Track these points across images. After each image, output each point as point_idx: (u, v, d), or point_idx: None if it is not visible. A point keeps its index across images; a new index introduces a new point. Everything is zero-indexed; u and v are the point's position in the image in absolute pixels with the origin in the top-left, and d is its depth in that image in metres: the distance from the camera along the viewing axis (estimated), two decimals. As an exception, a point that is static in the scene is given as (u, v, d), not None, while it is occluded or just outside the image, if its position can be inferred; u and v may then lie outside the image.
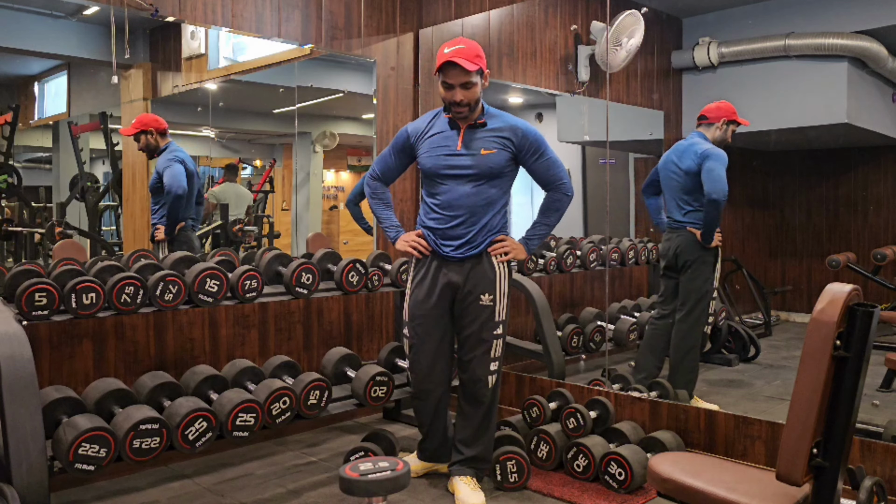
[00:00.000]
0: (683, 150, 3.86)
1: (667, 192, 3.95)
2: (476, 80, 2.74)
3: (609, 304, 4.64)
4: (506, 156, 2.83)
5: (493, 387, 2.97)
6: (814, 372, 1.63)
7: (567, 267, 4.57)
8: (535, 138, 2.85)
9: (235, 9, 3.61)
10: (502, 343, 2.95)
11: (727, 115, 3.83)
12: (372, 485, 2.07)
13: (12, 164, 3.47)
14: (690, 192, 3.81)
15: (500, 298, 2.90)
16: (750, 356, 4.77)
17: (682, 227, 3.85)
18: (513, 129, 2.84)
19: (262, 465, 3.44)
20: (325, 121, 4.63)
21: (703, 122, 3.89)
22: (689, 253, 3.82)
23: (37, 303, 2.59)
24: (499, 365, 2.96)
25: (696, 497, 1.87)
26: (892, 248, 4.63)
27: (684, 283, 3.86)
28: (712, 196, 3.61)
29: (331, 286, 3.44)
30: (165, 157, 3.57)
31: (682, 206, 3.86)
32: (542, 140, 2.87)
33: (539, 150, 2.85)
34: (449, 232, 2.88)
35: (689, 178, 3.79)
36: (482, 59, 2.76)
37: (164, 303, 2.83)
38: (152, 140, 3.52)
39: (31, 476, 2.19)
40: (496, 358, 2.94)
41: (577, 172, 5.41)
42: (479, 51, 2.76)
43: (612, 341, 4.45)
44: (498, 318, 2.90)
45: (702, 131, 3.87)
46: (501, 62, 4.60)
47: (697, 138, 3.86)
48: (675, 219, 3.88)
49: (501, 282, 2.90)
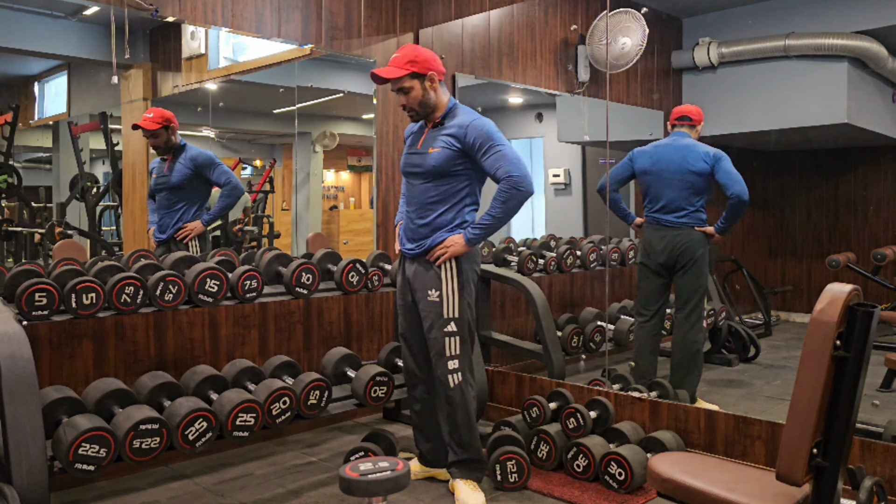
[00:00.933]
0: (685, 151, 3.84)
1: (663, 191, 3.87)
2: (411, 84, 2.76)
3: (609, 304, 4.65)
4: (448, 154, 2.78)
5: (456, 386, 2.89)
6: (814, 372, 1.63)
7: (567, 267, 4.57)
8: (481, 133, 2.74)
9: (235, 9, 3.61)
10: (459, 342, 2.85)
11: (702, 117, 3.99)
12: (372, 485, 2.07)
13: (12, 164, 3.47)
14: (700, 192, 3.82)
15: (449, 294, 2.83)
16: (750, 356, 4.77)
17: (681, 227, 3.83)
18: (459, 126, 2.78)
19: (262, 465, 3.44)
20: (325, 121, 4.63)
21: (686, 123, 3.93)
22: (693, 251, 3.82)
23: (37, 303, 2.59)
24: (459, 364, 2.87)
25: (696, 497, 1.87)
26: (892, 248, 4.64)
27: (686, 281, 3.85)
28: (743, 197, 3.70)
29: (331, 286, 3.44)
30: (194, 154, 3.60)
31: (686, 205, 3.83)
32: (489, 135, 2.74)
33: (484, 145, 2.73)
34: (409, 228, 2.96)
35: (700, 179, 3.80)
36: (416, 63, 2.75)
37: (164, 303, 2.83)
38: (172, 136, 3.52)
39: (31, 476, 2.19)
40: (454, 356, 2.86)
41: (577, 172, 5.41)
42: (412, 56, 2.76)
43: (612, 341, 4.45)
44: (448, 315, 2.83)
45: (686, 132, 3.92)
46: (501, 62, 4.60)
47: (690, 139, 3.90)
48: (674, 218, 3.85)
49: (448, 277, 2.83)
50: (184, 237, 3.59)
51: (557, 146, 5.35)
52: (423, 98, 2.80)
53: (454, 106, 2.88)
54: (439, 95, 2.83)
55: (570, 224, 5.40)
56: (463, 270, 2.85)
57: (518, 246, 4.74)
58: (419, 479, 3.21)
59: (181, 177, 3.59)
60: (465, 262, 2.85)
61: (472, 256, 2.90)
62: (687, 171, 3.81)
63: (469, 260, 2.88)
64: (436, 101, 2.82)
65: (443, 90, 2.86)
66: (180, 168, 3.58)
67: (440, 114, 2.85)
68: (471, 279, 2.90)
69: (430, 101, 2.81)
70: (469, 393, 2.93)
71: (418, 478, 3.21)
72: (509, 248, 4.60)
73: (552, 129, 5.32)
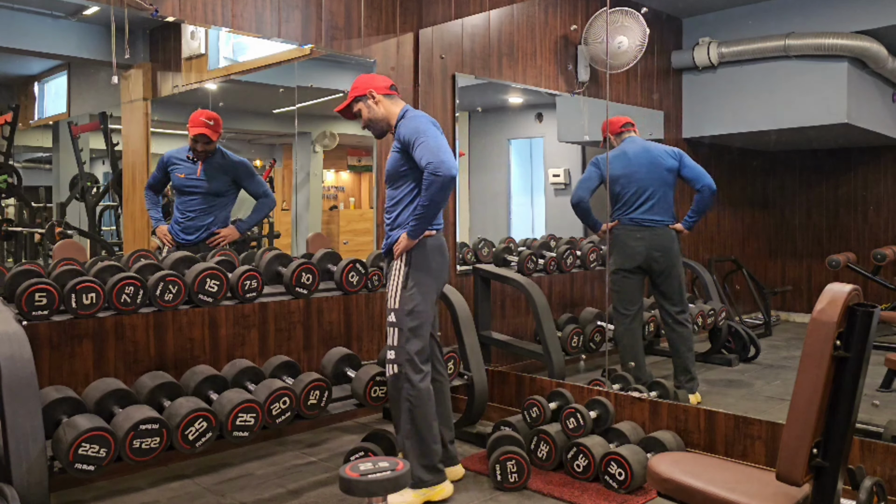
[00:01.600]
0: (655, 152, 3.98)
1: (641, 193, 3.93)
2: (358, 108, 3.02)
3: (609, 304, 4.64)
4: (396, 157, 2.93)
5: (391, 377, 2.91)
6: (814, 372, 1.63)
7: (567, 267, 4.57)
8: (409, 130, 2.85)
9: (235, 9, 3.61)
10: (397, 333, 2.89)
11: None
12: (372, 485, 2.07)
13: (12, 164, 3.47)
14: (669, 189, 3.96)
15: (394, 286, 2.92)
16: (750, 356, 4.77)
17: (660, 226, 3.92)
18: (398, 129, 2.93)
19: (262, 465, 3.44)
20: (325, 121, 4.63)
21: (632, 129, 4.08)
22: (675, 249, 3.95)
23: (37, 303, 2.59)
24: (395, 356, 2.89)
25: (696, 497, 1.87)
26: (892, 248, 4.64)
27: (673, 279, 3.94)
28: (713, 187, 3.84)
29: (331, 286, 3.44)
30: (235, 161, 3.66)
31: (663, 204, 3.94)
32: (415, 129, 2.83)
33: (412, 141, 2.82)
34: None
35: (672, 177, 3.95)
36: (357, 88, 3.00)
37: (164, 303, 2.83)
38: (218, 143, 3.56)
39: (31, 476, 2.19)
40: (391, 347, 2.90)
41: (577, 172, 5.41)
42: (355, 84, 3.02)
43: (612, 341, 4.45)
44: (391, 305, 2.92)
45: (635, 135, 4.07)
46: (501, 62, 4.60)
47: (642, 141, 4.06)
48: (649, 217, 3.93)
49: (396, 270, 2.92)
50: (217, 243, 3.59)
51: (557, 146, 5.35)
52: (370, 114, 3.00)
53: (406, 112, 2.99)
54: (388, 108, 2.99)
55: (570, 224, 5.39)
56: (412, 264, 2.91)
57: (518, 246, 4.74)
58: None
59: (219, 182, 3.59)
60: (415, 257, 2.90)
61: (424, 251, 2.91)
62: (663, 169, 3.92)
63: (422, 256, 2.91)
64: (384, 113, 2.99)
65: (392, 102, 3.00)
66: (219, 174, 3.58)
67: (395, 124, 2.98)
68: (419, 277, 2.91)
69: (377, 115, 3.00)
70: (405, 389, 2.89)
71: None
72: (509, 248, 4.60)
73: (552, 129, 5.32)
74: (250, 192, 3.76)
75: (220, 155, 3.63)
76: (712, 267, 5.19)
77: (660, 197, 3.92)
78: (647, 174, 3.93)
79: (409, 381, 2.90)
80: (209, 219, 3.62)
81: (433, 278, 2.96)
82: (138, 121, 3.62)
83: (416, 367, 2.90)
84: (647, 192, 3.92)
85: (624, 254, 3.98)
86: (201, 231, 3.61)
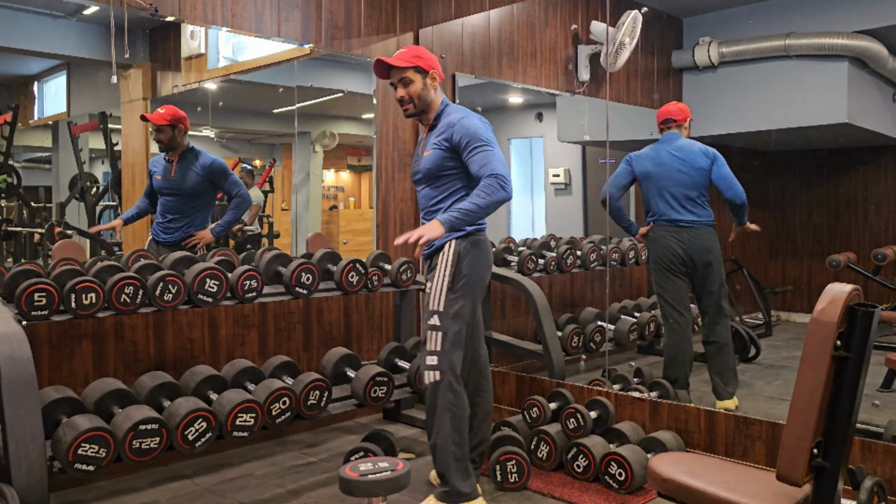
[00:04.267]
0: (687, 150, 3.86)
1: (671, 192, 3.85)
2: (414, 78, 2.80)
3: (609, 304, 4.64)
4: (440, 155, 2.77)
5: (430, 385, 2.71)
6: (814, 372, 1.62)
7: (567, 267, 4.57)
8: (468, 132, 2.69)
9: (235, 9, 3.60)
10: (440, 337, 2.70)
11: (689, 114, 3.99)
12: (372, 485, 2.07)
13: (12, 164, 3.47)
14: (704, 189, 3.84)
15: (439, 287, 2.73)
16: (750, 356, 4.77)
17: (696, 226, 3.83)
18: (449, 126, 2.76)
19: (262, 466, 3.44)
20: (325, 121, 4.63)
21: (672, 125, 3.95)
22: (714, 250, 3.84)
23: (36, 303, 2.59)
24: (437, 362, 2.69)
25: (696, 497, 1.87)
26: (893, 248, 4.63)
27: (712, 280, 3.84)
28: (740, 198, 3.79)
29: (331, 286, 3.43)
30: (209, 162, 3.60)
31: (695, 203, 3.83)
32: (476, 133, 2.68)
33: (471, 144, 2.67)
34: None
35: (705, 176, 3.82)
36: (422, 58, 2.81)
37: (163, 303, 2.83)
38: (179, 136, 3.50)
39: (31, 476, 2.19)
40: (433, 352, 2.70)
41: (578, 172, 5.41)
42: (418, 52, 2.84)
43: (612, 341, 4.45)
44: (434, 307, 2.72)
45: (675, 132, 3.94)
46: (501, 62, 4.60)
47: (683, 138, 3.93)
48: (686, 218, 3.83)
49: (442, 269, 2.75)
50: (193, 245, 3.58)
51: (557, 146, 5.35)
52: (422, 93, 2.82)
53: (446, 106, 2.88)
54: (436, 95, 2.86)
55: (570, 224, 5.39)
56: (460, 266, 2.74)
57: (518, 246, 4.74)
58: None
59: (194, 184, 3.57)
60: (463, 259, 2.74)
61: (475, 254, 2.77)
62: (693, 168, 3.82)
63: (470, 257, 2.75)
64: (432, 99, 2.85)
65: (439, 93, 2.88)
66: (193, 175, 3.56)
67: (433, 114, 2.87)
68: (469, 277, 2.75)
69: (427, 97, 2.83)
70: (447, 399, 2.69)
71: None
72: (509, 248, 4.60)
73: (552, 128, 5.32)
74: (224, 191, 3.69)
75: (194, 155, 3.59)
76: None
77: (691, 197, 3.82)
78: (678, 173, 3.83)
79: (453, 391, 2.71)
80: (185, 220, 3.60)
81: (480, 280, 2.81)
82: (138, 121, 3.62)
83: (457, 374, 2.73)
84: (680, 191, 3.83)
85: (661, 254, 3.89)
86: (178, 232, 3.60)
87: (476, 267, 2.78)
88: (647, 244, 4.03)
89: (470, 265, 2.76)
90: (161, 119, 3.47)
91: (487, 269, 2.87)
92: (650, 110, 5.16)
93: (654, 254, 3.93)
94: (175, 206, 3.59)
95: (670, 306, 3.91)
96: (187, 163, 3.57)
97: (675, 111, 3.97)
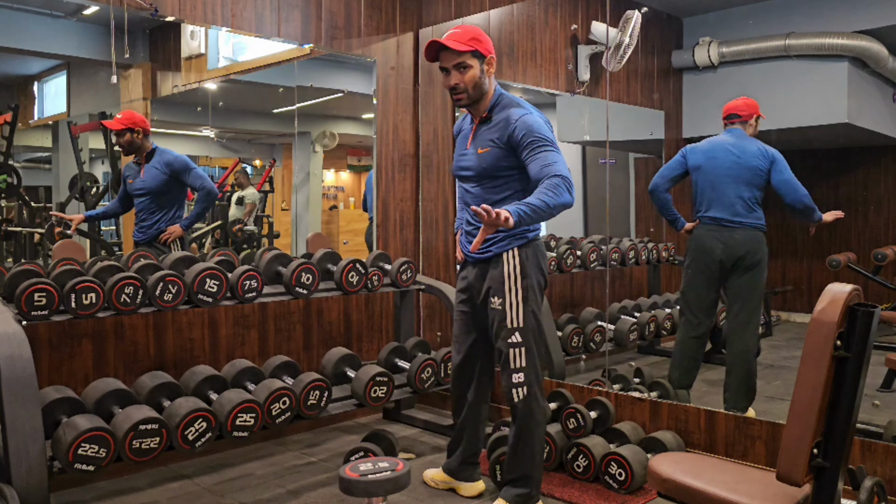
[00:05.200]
0: (742, 147, 3.70)
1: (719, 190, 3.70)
2: (471, 63, 2.57)
3: (609, 304, 4.64)
4: (498, 154, 2.59)
5: (521, 401, 2.68)
6: (814, 372, 1.62)
7: (567, 267, 4.57)
8: (529, 131, 2.51)
9: (235, 9, 3.60)
10: (524, 352, 2.66)
11: (756, 110, 3.78)
12: (372, 485, 2.07)
13: (12, 164, 3.47)
14: (759, 189, 3.67)
15: (516, 301, 2.64)
16: (750, 356, 4.76)
17: (743, 226, 3.66)
18: (506, 120, 2.57)
19: (262, 465, 3.44)
20: (325, 121, 4.63)
21: (735, 120, 3.77)
22: (758, 252, 3.66)
23: (36, 303, 2.59)
24: (524, 377, 2.66)
25: (696, 497, 1.87)
26: (893, 248, 4.63)
27: (748, 282, 3.64)
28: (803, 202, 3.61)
29: (331, 286, 3.43)
30: (170, 159, 3.60)
31: (746, 204, 3.66)
32: (537, 131, 2.51)
33: (534, 143, 2.49)
34: (467, 233, 2.78)
35: (759, 177, 3.66)
36: (480, 42, 2.58)
37: (163, 303, 2.83)
38: (137, 139, 3.53)
39: (31, 476, 2.19)
40: (519, 369, 2.66)
41: (578, 172, 5.41)
42: (475, 34, 2.59)
43: (612, 341, 4.45)
44: (515, 324, 2.64)
45: (738, 128, 3.77)
46: (501, 62, 4.59)
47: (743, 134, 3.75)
48: (734, 217, 3.66)
49: (511, 283, 2.64)
50: (165, 240, 3.61)
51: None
52: (479, 80, 2.60)
53: (500, 95, 2.67)
54: (491, 83, 2.66)
55: (570, 224, 5.38)
56: (528, 275, 2.66)
57: (518, 246, 4.73)
58: (440, 489, 3.10)
59: (157, 182, 3.59)
60: (529, 268, 2.66)
61: (537, 261, 2.70)
62: (745, 167, 3.66)
63: (533, 265, 2.68)
64: (488, 87, 2.64)
65: (493, 80, 2.68)
66: (156, 173, 3.59)
67: (487, 104, 2.66)
68: (535, 285, 2.69)
69: (484, 85, 2.62)
70: (537, 413, 2.71)
71: (439, 488, 3.10)
72: (509, 248, 4.59)
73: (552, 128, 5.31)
74: (189, 186, 3.71)
75: (157, 154, 3.61)
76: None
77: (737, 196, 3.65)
78: (729, 170, 3.67)
79: (540, 405, 2.73)
80: (155, 218, 3.63)
81: (542, 289, 2.74)
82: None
83: (542, 386, 2.75)
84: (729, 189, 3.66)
85: (698, 254, 3.75)
86: (151, 230, 3.62)
87: (540, 276, 2.71)
88: (689, 241, 3.87)
89: (535, 274, 2.68)
90: (118, 124, 3.51)
91: (545, 276, 2.78)
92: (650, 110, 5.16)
93: (692, 252, 3.80)
94: (146, 205, 3.63)
95: (690, 309, 3.79)
96: (152, 163, 3.60)
97: (742, 106, 3.78)
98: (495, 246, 2.66)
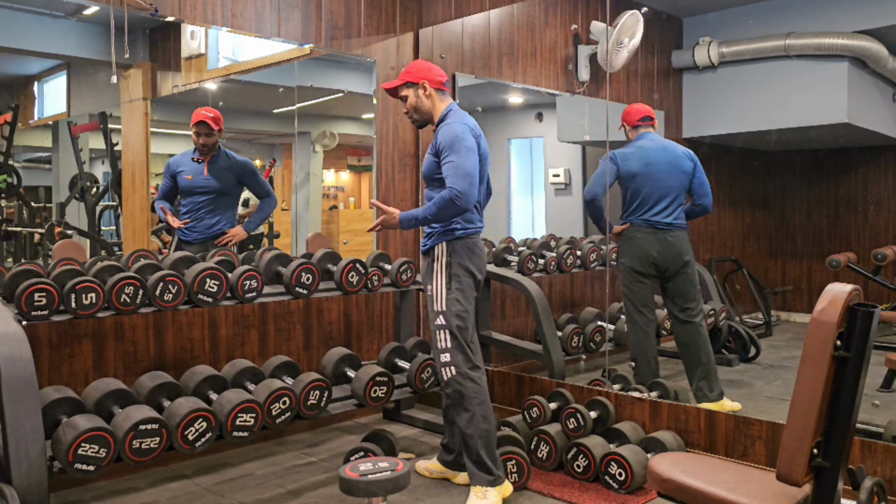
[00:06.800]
0: (675, 152, 3.89)
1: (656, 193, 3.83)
2: (406, 93, 2.97)
3: (609, 304, 4.64)
4: (431, 161, 2.93)
5: (451, 379, 2.88)
6: (814, 372, 1.62)
7: (567, 267, 4.57)
8: (444, 140, 2.83)
9: (235, 9, 3.60)
10: (447, 334, 2.88)
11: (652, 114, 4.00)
12: (372, 485, 2.07)
13: (12, 164, 3.47)
14: (684, 192, 3.88)
15: (438, 288, 2.91)
16: (750, 356, 4.77)
17: (673, 228, 3.84)
18: (437, 131, 2.93)
19: (262, 465, 3.44)
20: (325, 121, 4.63)
21: (649, 123, 3.95)
22: (689, 253, 3.88)
23: (36, 303, 2.59)
24: (451, 357, 2.88)
25: (696, 497, 1.87)
26: (893, 248, 4.63)
27: (688, 281, 3.86)
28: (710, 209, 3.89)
29: (331, 286, 3.43)
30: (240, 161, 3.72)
31: (677, 206, 3.87)
32: (450, 142, 2.81)
33: (444, 152, 2.82)
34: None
35: (688, 179, 3.87)
36: (410, 73, 2.96)
37: (163, 303, 2.83)
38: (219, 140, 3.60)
39: (31, 476, 2.19)
40: (445, 349, 2.89)
41: (578, 172, 5.41)
42: (409, 68, 2.99)
43: (612, 341, 4.45)
44: (438, 308, 2.90)
45: (651, 131, 3.95)
46: (501, 62, 4.60)
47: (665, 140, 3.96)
48: (664, 220, 3.83)
49: (437, 272, 2.92)
50: (226, 242, 3.63)
51: (557, 146, 5.35)
52: (417, 104, 2.97)
53: (448, 112, 2.96)
54: (435, 103, 2.97)
55: (570, 224, 5.39)
56: (452, 265, 2.91)
57: (518, 246, 4.74)
58: (435, 478, 3.19)
59: (227, 182, 3.65)
60: (455, 259, 2.91)
61: (465, 255, 2.92)
62: (680, 171, 3.85)
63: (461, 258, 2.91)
64: (430, 107, 2.97)
65: (440, 98, 2.97)
66: (224, 173, 3.64)
67: (436, 120, 2.97)
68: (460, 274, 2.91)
69: (423, 107, 2.97)
70: (469, 388, 2.87)
71: (433, 477, 3.20)
72: (509, 248, 4.60)
73: (552, 128, 5.32)
74: (254, 191, 3.83)
75: (224, 155, 3.68)
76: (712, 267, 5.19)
77: (674, 199, 3.83)
78: (666, 175, 3.82)
79: (472, 379, 2.89)
80: (216, 218, 3.66)
81: (472, 279, 2.95)
82: (138, 121, 3.62)
83: (472, 364, 2.91)
84: (665, 193, 3.82)
85: (634, 255, 3.87)
86: (211, 230, 3.65)
87: (467, 267, 2.93)
88: (619, 243, 3.99)
89: (461, 266, 2.92)
90: (215, 124, 3.58)
91: (479, 270, 2.98)
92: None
93: (627, 254, 3.92)
94: (206, 204, 3.64)
95: (635, 308, 3.93)
96: (219, 161, 3.64)
97: (650, 109, 3.99)
98: (430, 240, 2.97)
